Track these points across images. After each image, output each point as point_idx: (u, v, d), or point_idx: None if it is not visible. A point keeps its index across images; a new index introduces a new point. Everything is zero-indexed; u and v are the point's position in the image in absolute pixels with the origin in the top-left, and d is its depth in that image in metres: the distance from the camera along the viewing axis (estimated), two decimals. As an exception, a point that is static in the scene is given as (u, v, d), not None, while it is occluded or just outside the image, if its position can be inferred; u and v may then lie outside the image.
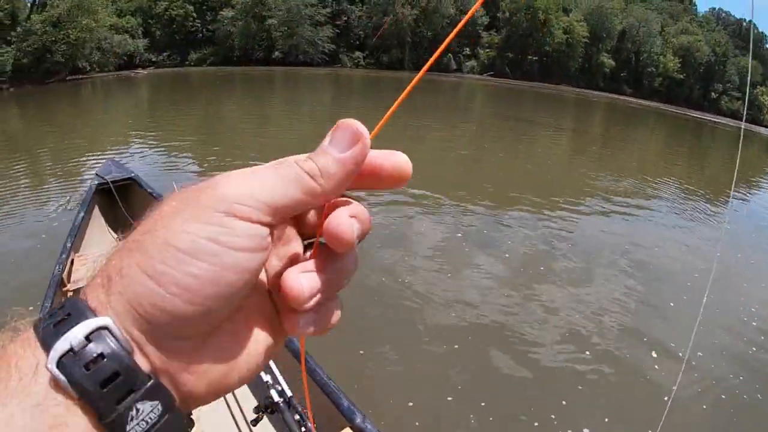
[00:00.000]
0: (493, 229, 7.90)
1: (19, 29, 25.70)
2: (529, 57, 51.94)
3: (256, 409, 2.21)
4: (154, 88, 29.82)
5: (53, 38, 26.61)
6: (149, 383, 0.31)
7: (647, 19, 55.40)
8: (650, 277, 6.68)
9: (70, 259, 3.80)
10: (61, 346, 0.29)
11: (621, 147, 17.03)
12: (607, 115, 31.53)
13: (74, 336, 0.29)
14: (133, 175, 5.22)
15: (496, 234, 7.69)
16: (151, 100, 25.41)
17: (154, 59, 40.94)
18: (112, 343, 0.30)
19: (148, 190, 4.94)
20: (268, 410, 2.18)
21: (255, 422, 2.24)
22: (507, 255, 6.94)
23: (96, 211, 4.93)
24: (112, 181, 5.04)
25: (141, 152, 11.97)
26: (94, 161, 10.75)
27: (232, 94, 27.44)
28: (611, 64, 54.76)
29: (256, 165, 0.33)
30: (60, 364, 0.29)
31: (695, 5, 69.30)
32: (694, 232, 9.05)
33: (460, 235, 7.63)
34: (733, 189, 11.33)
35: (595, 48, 53.96)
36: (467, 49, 52.47)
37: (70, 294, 3.61)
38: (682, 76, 55.84)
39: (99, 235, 4.78)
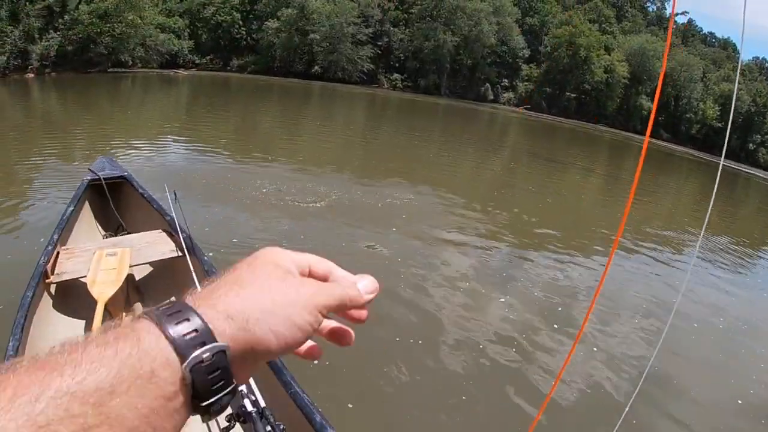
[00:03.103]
0: (515, 265, 7.65)
1: (66, 17, 26.20)
2: (567, 93, 51.66)
3: (228, 418, 2.22)
4: (194, 88, 30.22)
5: (98, 30, 27.19)
6: (232, 386, 0.44)
7: (689, 64, 54.67)
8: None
9: (55, 252, 3.75)
10: (195, 357, 0.40)
11: (652, 193, 16.61)
12: (645, 160, 31.03)
13: (206, 352, 0.41)
14: (125, 173, 5.20)
15: (516, 270, 7.44)
16: (189, 100, 25.71)
17: (197, 61, 41.72)
18: (225, 362, 0.42)
19: (140, 190, 4.92)
20: (241, 419, 2.20)
21: (226, 430, 2.24)
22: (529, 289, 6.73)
23: (86, 206, 4.89)
24: (104, 178, 5.00)
25: (169, 148, 12.03)
26: (123, 149, 10.93)
27: (269, 103, 27.62)
28: (649, 107, 54.16)
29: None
30: (193, 369, 0.40)
31: (738, 53, 68.18)
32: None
33: (481, 265, 7.45)
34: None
35: (634, 89, 53.48)
36: (506, 80, 52.42)
37: (52, 286, 3.59)
38: (720, 125, 54.83)
39: (87, 230, 4.72)
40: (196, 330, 0.42)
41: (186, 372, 0.40)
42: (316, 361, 3.57)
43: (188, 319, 0.42)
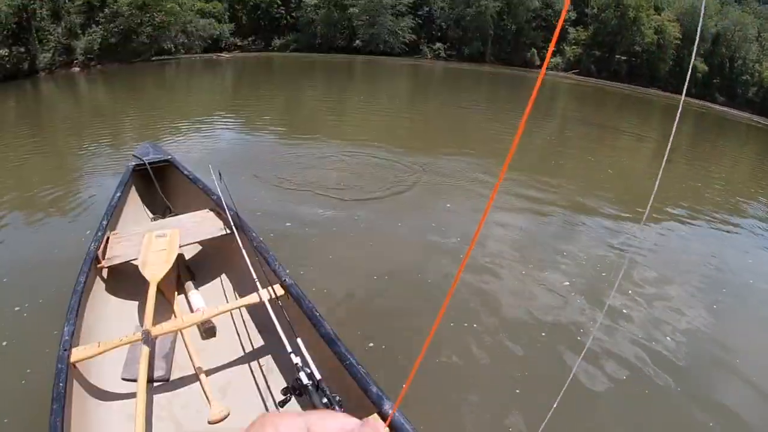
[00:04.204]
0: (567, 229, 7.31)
1: (107, 11, 26.69)
2: (617, 56, 49.70)
3: (284, 391, 2.28)
4: (237, 70, 30.29)
5: (139, 20, 27.63)
6: None
7: (743, 23, 51.75)
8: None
9: (105, 237, 3.84)
10: None
11: (707, 159, 15.71)
12: (697, 124, 29.66)
13: None
14: (169, 157, 5.38)
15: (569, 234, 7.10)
16: (233, 82, 25.87)
17: (239, 43, 41.78)
18: None
19: (184, 172, 5.08)
20: (296, 392, 2.24)
21: (282, 403, 2.30)
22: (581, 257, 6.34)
23: (132, 191, 5.02)
24: (149, 163, 5.16)
25: (214, 130, 11.99)
26: (170, 133, 11.03)
27: (313, 80, 27.47)
28: (704, 69, 51.63)
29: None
30: None
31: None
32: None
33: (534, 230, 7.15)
34: None
35: (686, 51, 51.04)
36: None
37: (104, 270, 3.62)
38: (781, 87, 51.82)
39: (134, 214, 4.84)
40: None
41: None
42: (371, 344, 3.60)
43: None
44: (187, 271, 4.14)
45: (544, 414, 1.46)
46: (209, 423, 2.68)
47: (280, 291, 3.20)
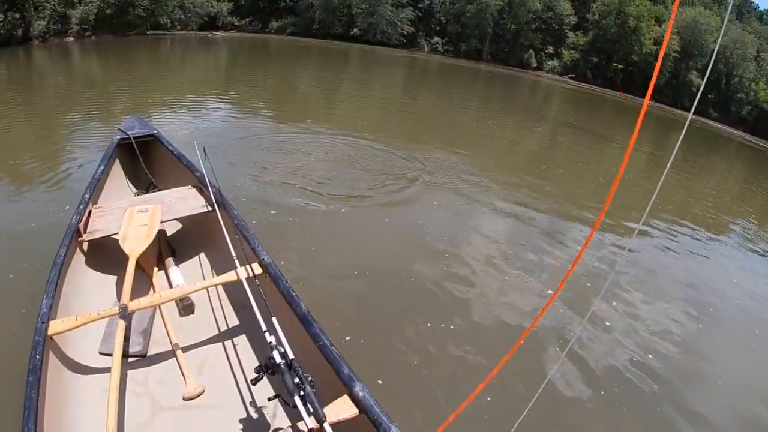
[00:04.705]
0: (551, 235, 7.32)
1: (104, -18, 26.41)
2: (615, 64, 49.88)
3: (257, 369, 2.28)
4: (232, 51, 30.11)
5: (136, -7, 27.43)
6: None
7: (743, 42, 52.10)
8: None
9: (87, 210, 3.84)
10: None
11: (695, 174, 15.85)
12: (687, 138, 29.92)
13: None
14: (155, 132, 5.31)
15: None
16: (227, 61, 25.70)
17: (236, 23, 41.48)
18: None
19: (169, 147, 5.03)
20: (269, 371, 2.24)
21: (254, 381, 2.29)
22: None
23: (116, 165, 4.99)
24: (134, 137, 5.11)
25: (203, 109, 11.90)
26: (159, 109, 10.96)
27: (308, 65, 27.31)
28: (699, 83, 51.93)
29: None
30: None
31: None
32: None
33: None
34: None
35: (684, 64, 51.27)
36: (550, 47, 50.84)
37: (85, 244, 3.62)
38: (774, 107, 52.19)
39: (118, 189, 4.82)
40: None
41: None
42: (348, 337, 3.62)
43: None
44: (168, 247, 4.14)
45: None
46: (184, 399, 2.71)
47: (258, 270, 3.24)
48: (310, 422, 2.02)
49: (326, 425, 2.02)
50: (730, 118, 50.98)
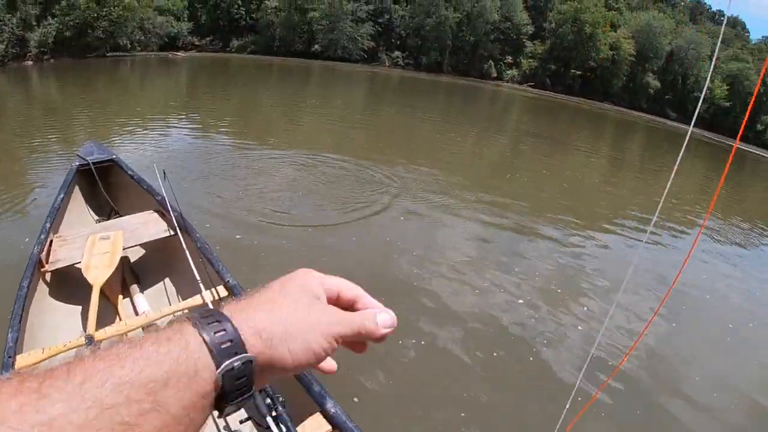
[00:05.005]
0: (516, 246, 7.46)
1: (63, 3, 26.06)
2: (572, 71, 50.94)
3: None
4: (192, 70, 30.01)
5: (95, 14, 27.09)
6: (251, 391, 0.50)
7: (697, 42, 53.77)
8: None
9: (48, 240, 3.76)
10: (228, 364, 0.47)
11: (655, 173, 16.29)
12: (647, 138, 30.68)
13: (236, 361, 0.47)
14: (114, 157, 5.21)
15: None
16: (187, 81, 25.60)
17: (196, 42, 41.32)
18: (249, 371, 0.49)
19: (129, 172, 4.93)
20: None
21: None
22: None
23: (76, 192, 4.89)
24: (93, 163, 4.99)
25: (164, 131, 11.90)
26: (119, 132, 10.89)
27: (269, 83, 27.41)
28: (656, 85, 53.37)
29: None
30: (225, 374, 0.47)
31: (748, 32, 67.17)
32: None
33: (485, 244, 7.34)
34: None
35: (640, 67, 52.62)
36: (509, 57, 51.68)
37: (48, 274, 3.55)
38: (728, 104, 53.91)
39: (79, 216, 4.73)
40: (231, 341, 0.48)
41: (219, 376, 0.46)
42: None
43: (224, 330, 0.49)
44: (132, 274, 4.11)
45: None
46: None
47: (224, 292, 3.26)
48: None
49: None
50: (687, 117, 52.25)
